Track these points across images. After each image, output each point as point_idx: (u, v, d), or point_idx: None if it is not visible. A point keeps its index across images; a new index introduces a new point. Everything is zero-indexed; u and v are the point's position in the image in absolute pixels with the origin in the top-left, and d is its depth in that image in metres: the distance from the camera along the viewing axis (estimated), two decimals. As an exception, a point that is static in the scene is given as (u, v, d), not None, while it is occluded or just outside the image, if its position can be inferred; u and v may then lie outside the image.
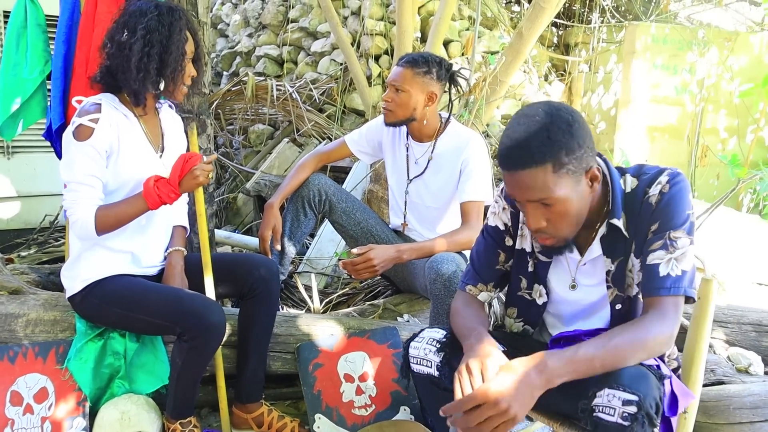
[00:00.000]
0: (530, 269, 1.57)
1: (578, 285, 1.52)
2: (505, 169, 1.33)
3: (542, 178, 1.29)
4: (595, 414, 1.23)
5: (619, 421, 1.20)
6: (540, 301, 1.59)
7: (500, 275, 1.62)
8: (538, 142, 1.28)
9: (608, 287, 1.48)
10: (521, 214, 1.56)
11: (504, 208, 1.59)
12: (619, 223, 1.41)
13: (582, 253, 1.49)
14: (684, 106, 5.59)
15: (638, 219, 1.40)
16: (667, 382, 1.37)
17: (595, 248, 1.46)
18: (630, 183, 1.43)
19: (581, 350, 1.29)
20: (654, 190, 1.39)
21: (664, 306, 1.33)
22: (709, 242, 3.36)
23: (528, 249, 1.57)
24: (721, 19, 6.12)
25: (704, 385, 2.08)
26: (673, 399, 1.38)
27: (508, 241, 1.60)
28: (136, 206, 1.85)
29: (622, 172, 1.45)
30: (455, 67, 2.46)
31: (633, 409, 1.19)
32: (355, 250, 2.19)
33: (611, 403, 1.21)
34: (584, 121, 1.35)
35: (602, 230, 1.44)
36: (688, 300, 1.37)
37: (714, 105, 5.67)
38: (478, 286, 1.60)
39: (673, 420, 1.37)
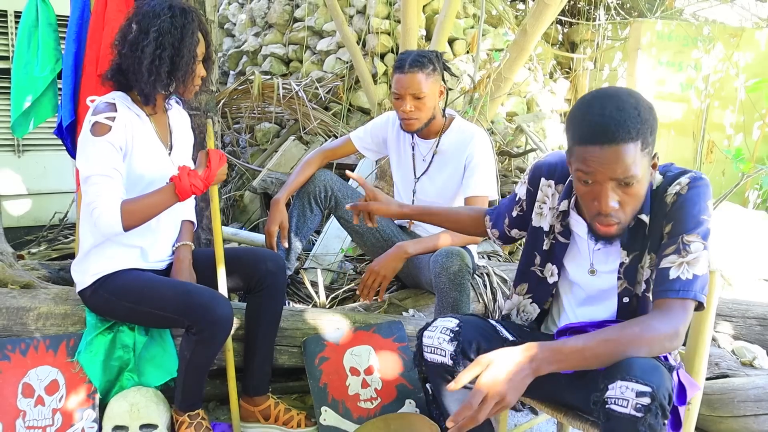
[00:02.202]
0: (545, 248, 1.60)
1: (597, 271, 1.54)
2: (596, 143, 1.30)
3: (632, 154, 1.29)
4: (607, 406, 1.23)
5: (632, 412, 1.20)
6: (551, 280, 1.61)
7: (517, 220, 1.71)
8: (632, 118, 1.29)
9: (618, 278, 1.49)
10: (539, 193, 1.59)
11: (524, 182, 1.65)
12: (646, 219, 1.42)
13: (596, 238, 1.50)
14: (690, 102, 5.58)
15: (656, 217, 1.41)
16: (674, 372, 1.39)
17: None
18: (657, 180, 1.43)
19: (571, 341, 1.31)
20: (672, 190, 1.39)
21: (670, 306, 1.33)
22: (715, 238, 3.36)
23: (545, 228, 1.60)
24: (727, 16, 6.10)
25: (709, 379, 2.09)
26: (681, 389, 1.39)
27: (515, 211, 1.68)
28: (165, 198, 1.85)
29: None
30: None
31: (647, 400, 1.20)
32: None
33: (624, 395, 1.22)
34: None
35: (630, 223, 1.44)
36: (699, 307, 1.36)
37: (720, 101, 5.65)
38: (493, 229, 1.77)
39: (681, 409, 1.39)
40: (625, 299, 1.49)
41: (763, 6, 6.17)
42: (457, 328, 1.55)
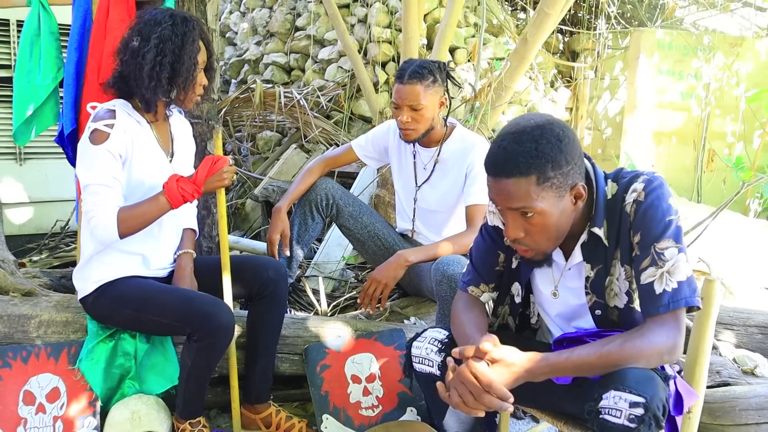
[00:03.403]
0: (513, 266, 1.60)
1: (560, 293, 1.54)
2: (490, 176, 1.36)
3: (525, 189, 1.30)
4: (601, 416, 1.24)
5: (626, 423, 1.20)
6: (517, 300, 1.61)
7: (499, 275, 1.63)
8: (526, 153, 1.29)
9: (587, 293, 1.48)
10: None
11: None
12: (599, 232, 1.41)
13: (567, 258, 1.50)
14: (690, 111, 5.61)
15: (618, 227, 1.40)
16: (671, 382, 1.38)
17: (577, 255, 1.47)
18: (611, 189, 1.42)
19: (565, 354, 1.32)
20: (629, 198, 1.38)
21: (664, 320, 1.33)
22: (716, 247, 3.37)
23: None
24: (727, 25, 6.13)
25: (710, 387, 2.08)
26: (678, 398, 1.39)
27: (507, 240, 1.60)
28: (158, 206, 1.86)
29: (605, 177, 1.44)
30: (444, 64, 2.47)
31: (640, 411, 1.20)
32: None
33: (617, 405, 1.22)
34: (575, 138, 1.36)
35: (583, 237, 1.44)
36: (692, 309, 1.35)
37: (721, 110, 5.67)
38: (481, 287, 1.62)
39: (678, 419, 1.38)
40: (598, 312, 1.48)
41: (763, 15, 6.19)
42: (447, 339, 1.55)
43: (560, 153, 1.31)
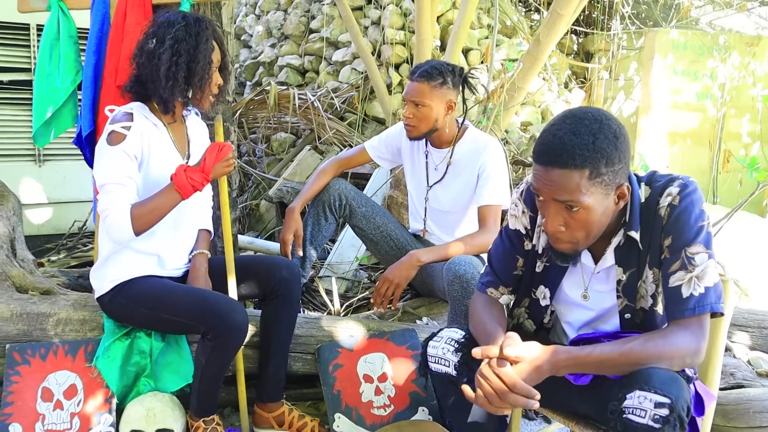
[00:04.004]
0: (538, 270, 1.58)
1: (590, 295, 1.53)
2: (540, 164, 1.32)
3: (576, 182, 1.29)
4: (625, 416, 1.23)
5: (650, 423, 1.20)
6: (543, 303, 1.60)
7: (517, 279, 1.62)
8: (583, 145, 1.28)
9: (618, 297, 1.48)
10: (539, 217, 1.57)
11: (523, 212, 1.58)
12: (636, 235, 1.40)
13: (596, 261, 1.49)
14: (705, 111, 5.56)
15: (651, 230, 1.40)
16: (691, 384, 1.38)
17: (609, 258, 1.46)
18: (644, 192, 1.41)
19: (587, 349, 1.32)
20: (664, 202, 1.37)
21: (688, 324, 1.33)
22: (731, 248, 3.34)
23: (539, 250, 1.58)
24: (743, 24, 6.07)
25: (724, 389, 2.07)
26: (698, 400, 1.39)
27: (527, 245, 1.59)
28: (169, 198, 1.88)
29: (638, 180, 1.43)
30: (466, 70, 2.48)
31: (665, 411, 1.19)
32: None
33: (642, 405, 1.21)
34: (629, 138, 1.35)
35: (617, 240, 1.44)
36: (715, 315, 1.36)
37: (736, 110, 5.62)
38: (500, 289, 1.61)
39: (699, 420, 1.38)
40: (627, 315, 1.48)
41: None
42: (463, 339, 1.55)
43: (615, 150, 1.30)
